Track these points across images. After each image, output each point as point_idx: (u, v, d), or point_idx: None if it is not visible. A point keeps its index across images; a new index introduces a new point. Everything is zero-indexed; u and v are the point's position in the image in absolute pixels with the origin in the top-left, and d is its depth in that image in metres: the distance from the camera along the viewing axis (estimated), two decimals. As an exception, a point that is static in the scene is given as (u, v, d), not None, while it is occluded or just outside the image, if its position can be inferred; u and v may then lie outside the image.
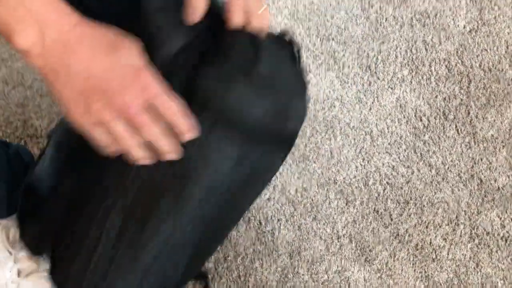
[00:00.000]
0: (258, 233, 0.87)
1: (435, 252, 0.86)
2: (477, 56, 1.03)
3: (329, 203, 0.89)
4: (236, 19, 0.54)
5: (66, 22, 0.43)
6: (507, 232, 0.88)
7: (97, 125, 0.46)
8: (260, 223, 0.87)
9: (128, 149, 0.48)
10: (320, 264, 0.85)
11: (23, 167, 0.79)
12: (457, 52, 1.03)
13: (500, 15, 1.08)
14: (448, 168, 0.93)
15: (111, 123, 0.46)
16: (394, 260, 0.85)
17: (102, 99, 0.45)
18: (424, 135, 0.95)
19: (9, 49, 0.99)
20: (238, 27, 0.53)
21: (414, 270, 0.84)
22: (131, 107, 0.45)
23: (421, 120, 0.97)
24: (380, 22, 1.06)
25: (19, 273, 0.78)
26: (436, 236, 0.87)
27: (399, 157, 0.93)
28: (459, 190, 0.91)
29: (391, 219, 0.88)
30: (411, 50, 1.03)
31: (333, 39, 1.04)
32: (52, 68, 0.43)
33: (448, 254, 0.86)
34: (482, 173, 0.92)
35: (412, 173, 0.92)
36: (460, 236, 0.88)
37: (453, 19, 1.07)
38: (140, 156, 0.49)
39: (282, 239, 0.87)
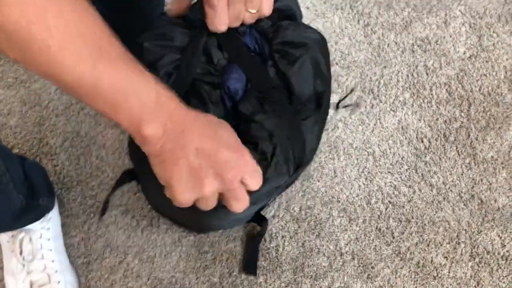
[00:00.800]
0: (263, 249, 0.89)
1: (436, 270, 0.88)
2: (476, 81, 1.07)
3: (333, 220, 0.91)
4: (220, 27, 0.59)
5: (183, 111, 0.48)
6: (507, 251, 0.90)
7: (200, 198, 0.50)
8: (265, 239, 0.90)
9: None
10: (323, 280, 0.86)
11: (40, 179, 0.83)
12: (457, 76, 1.07)
13: (499, 42, 1.11)
14: (449, 188, 0.95)
15: (213, 195, 0.50)
16: (396, 277, 0.87)
17: (212, 174, 0.48)
18: (425, 156, 0.98)
19: (28, 71, 1.04)
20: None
21: (416, 287, 0.86)
22: (234, 182, 0.50)
23: (422, 141, 0.99)
24: (382, 48, 1.10)
25: (31, 285, 0.80)
26: (437, 254, 0.89)
27: (401, 177, 0.96)
28: (459, 209, 0.93)
29: (393, 237, 0.90)
30: (412, 75, 1.07)
31: (337, 63, 1.08)
32: (168, 149, 0.47)
33: (449, 272, 0.88)
34: (483, 193, 0.94)
35: (414, 192, 0.94)
36: (461, 254, 0.89)
37: (453, 45, 1.11)
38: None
39: (286, 256, 0.89)
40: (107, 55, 0.43)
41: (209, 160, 0.48)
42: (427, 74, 1.07)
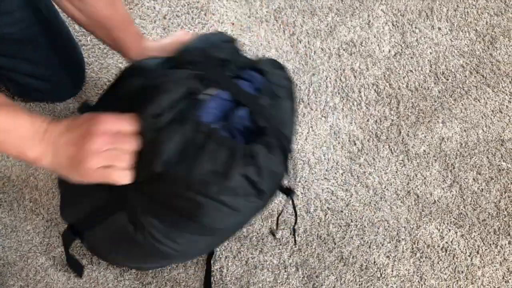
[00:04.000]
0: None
1: (380, 271, 0.89)
2: (403, 78, 1.09)
3: (274, 234, 0.92)
4: None
5: (53, 128, 0.61)
6: (446, 242, 0.91)
7: (98, 161, 0.59)
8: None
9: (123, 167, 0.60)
10: (269, 296, 0.86)
11: None
12: (384, 75, 1.09)
13: (422, 37, 1.14)
14: (385, 187, 0.96)
15: (103, 147, 0.59)
16: (341, 284, 0.88)
17: (84, 141, 0.59)
18: (359, 158, 0.99)
19: None
20: None
21: (360, 290, 0.87)
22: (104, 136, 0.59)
23: (355, 144, 1.01)
24: (309, 56, 1.11)
25: None
26: (379, 255, 0.90)
27: (337, 182, 0.97)
28: (397, 207, 0.94)
29: (335, 243, 0.91)
30: (340, 79, 1.08)
31: (266, 76, 1.08)
32: (52, 157, 0.61)
33: (392, 271, 0.89)
34: (418, 189, 0.96)
35: (351, 195, 0.95)
36: (402, 252, 0.90)
37: (378, 45, 1.13)
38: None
39: (231, 276, 0.88)
40: None
41: (79, 147, 0.59)
42: (354, 77, 1.09)
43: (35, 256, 0.89)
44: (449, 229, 0.92)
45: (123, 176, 0.60)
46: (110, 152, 0.59)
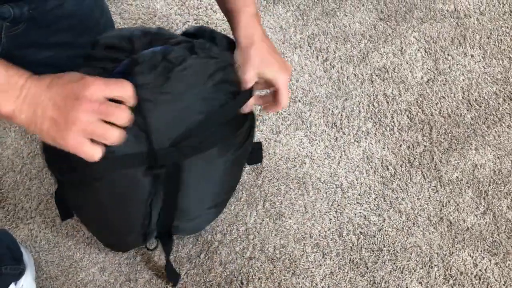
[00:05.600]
0: (240, 292, 0.90)
1: (412, 297, 0.89)
2: (436, 104, 1.10)
3: (307, 257, 0.93)
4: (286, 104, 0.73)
5: (34, 82, 0.57)
6: (480, 270, 0.91)
7: (80, 133, 0.56)
8: (242, 283, 0.91)
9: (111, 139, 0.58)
10: (301, 318, 0.87)
11: (4, 248, 0.85)
12: (417, 101, 1.10)
13: (454, 64, 1.15)
14: (417, 213, 0.97)
15: (90, 124, 0.56)
16: (373, 308, 0.88)
17: (69, 108, 0.56)
18: (392, 183, 1.00)
19: None
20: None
21: (393, 316, 0.87)
22: (92, 104, 0.56)
23: (387, 169, 1.02)
24: (342, 81, 1.13)
25: None
26: (411, 281, 0.90)
27: (369, 207, 0.98)
28: (430, 233, 0.95)
29: (367, 268, 0.92)
30: (373, 104, 1.10)
31: (299, 100, 1.11)
32: (28, 115, 0.57)
33: (425, 297, 0.89)
34: (451, 215, 0.97)
35: (384, 220, 0.96)
36: (435, 278, 0.91)
37: (410, 71, 1.15)
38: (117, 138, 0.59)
39: (264, 297, 0.90)
40: None
41: (61, 112, 0.56)
42: (387, 102, 1.10)
43: (75, 271, 0.93)
44: (482, 257, 0.92)
45: (97, 154, 0.57)
46: (96, 125, 0.56)
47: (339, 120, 1.08)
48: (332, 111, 1.09)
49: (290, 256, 0.93)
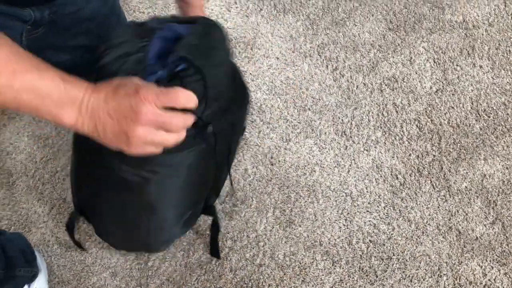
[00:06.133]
0: (251, 299, 0.91)
1: (421, 305, 0.90)
2: (445, 114, 1.11)
3: (316, 265, 0.94)
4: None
5: (92, 93, 0.60)
6: (489, 280, 0.92)
7: (140, 143, 0.60)
8: (252, 289, 0.92)
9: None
10: (311, 325, 0.88)
11: (17, 251, 0.86)
12: (426, 111, 1.11)
13: (463, 74, 1.16)
14: (426, 222, 0.98)
15: (148, 135, 0.60)
16: (382, 316, 0.89)
17: (131, 122, 0.59)
18: (401, 192, 1.01)
19: (13, 142, 1.08)
20: None
21: (402, 324, 0.88)
22: (149, 116, 0.59)
23: (397, 178, 1.03)
24: (352, 90, 1.15)
25: None
26: (421, 289, 0.91)
27: (379, 215, 0.99)
28: (439, 242, 0.95)
29: (376, 276, 0.92)
30: (382, 113, 1.11)
31: (309, 109, 1.12)
32: (93, 127, 0.61)
33: (434, 306, 0.90)
34: (460, 224, 0.97)
35: (393, 229, 0.97)
36: (444, 287, 0.91)
37: (419, 81, 1.16)
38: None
39: (274, 304, 0.91)
40: (20, 75, 0.57)
41: (121, 126, 0.59)
42: (396, 111, 1.11)
43: (87, 276, 0.94)
44: (491, 267, 0.93)
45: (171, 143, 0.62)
46: (155, 134, 0.60)
47: (349, 128, 1.09)
48: (342, 119, 1.10)
49: (300, 263, 0.94)
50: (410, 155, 1.05)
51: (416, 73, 1.17)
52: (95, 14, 0.89)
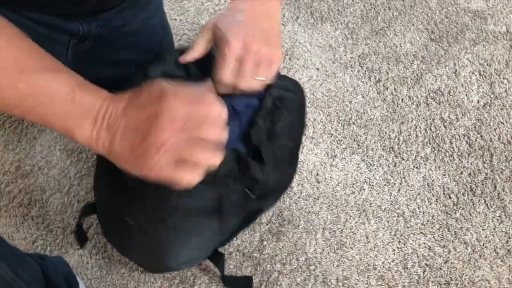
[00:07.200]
0: (304, 327, 0.87)
1: (484, 334, 0.86)
2: (494, 130, 1.07)
3: None
4: (225, 78, 0.61)
5: (111, 104, 0.50)
6: (552, 307, 0.88)
7: (164, 157, 0.48)
8: (305, 316, 0.87)
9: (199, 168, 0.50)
10: None
11: (61, 277, 0.81)
12: (475, 126, 1.07)
13: (510, 87, 1.13)
14: (483, 244, 0.94)
15: (171, 143, 0.48)
16: None
17: (152, 144, 0.48)
18: (455, 213, 0.97)
19: (44, 157, 1.03)
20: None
21: None
22: (169, 137, 0.47)
23: (450, 197, 0.99)
24: (397, 103, 1.10)
25: None
26: (482, 317, 0.87)
27: (434, 237, 0.94)
28: (497, 266, 0.92)
29: (435, 302, 0.88)
30: (430, 128, 1.07)
31: (354, 123, 1.08)
32: (109, 143, 0.50)
33: (496, 334, 0.86)
34: (518, 247, 0.93)
35: (449, 252, 0.93)
36: (506, 314, 0.87)
37: (466, 95, 1.12)
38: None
39: (328, 331, 0.86)
40: (26, 75, 0.47)
41: (139, 134, 0.48)
42: (444, 126, 1.07)
43: (130, 301, 0.89)
44: (554, 293, 0.89)
45: (194, 180, 0.48)
46: (185, 146, 0.47)
47: (397, 144, 1.05)
48: (389, 134, 1.06)
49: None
50: (461, 173, 1.01)
51: (462, 86, 1.13)
52: (142, 28, 0.84)
